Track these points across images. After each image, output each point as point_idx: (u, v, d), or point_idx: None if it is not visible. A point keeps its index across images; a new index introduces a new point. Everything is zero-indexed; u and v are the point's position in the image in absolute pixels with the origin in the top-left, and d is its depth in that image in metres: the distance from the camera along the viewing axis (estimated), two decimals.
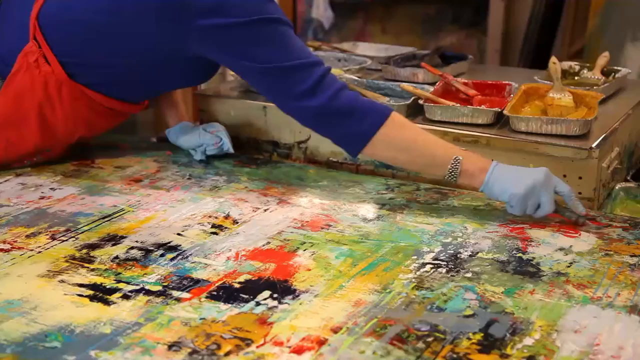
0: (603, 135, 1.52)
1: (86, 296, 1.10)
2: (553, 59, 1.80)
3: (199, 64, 1.54)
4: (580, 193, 1.49)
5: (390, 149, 1.43)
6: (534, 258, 1.23)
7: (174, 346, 0.97)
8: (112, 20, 1.50)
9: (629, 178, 1.70)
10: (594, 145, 1.48)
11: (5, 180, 1.58)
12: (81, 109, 1.60)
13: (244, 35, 1.44)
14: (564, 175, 1.50)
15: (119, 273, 1.17)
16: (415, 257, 1.24)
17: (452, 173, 1.38)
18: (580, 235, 1.32)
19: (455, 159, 1.38)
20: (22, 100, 1.57)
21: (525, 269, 1.19)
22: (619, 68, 1.97)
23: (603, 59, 1.98)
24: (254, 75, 1.48)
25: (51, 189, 1.54)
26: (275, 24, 1.45)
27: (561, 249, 1.27)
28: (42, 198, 1.49)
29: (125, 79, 1.59)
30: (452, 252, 1.26)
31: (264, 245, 1.28)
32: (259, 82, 1.50)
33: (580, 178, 1.49)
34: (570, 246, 1.28)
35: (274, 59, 1.43)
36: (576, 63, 2.02)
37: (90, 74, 1.57)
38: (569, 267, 1.20)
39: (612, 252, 1.25)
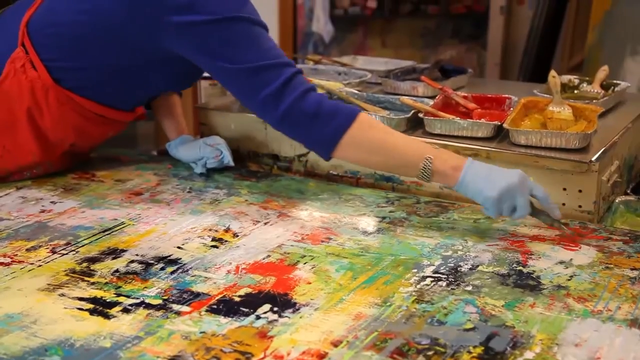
0: (603, 149, 1.53)
1: (86, 310, 1.10)
2: (552, 72, 1.80)
3: (179, 65, 1.53)
4: (580, 206, 1.49)
5: (360, 151, 1.41)
6: (534, 271, 1.23)
7: None
8: (91, 20, 1.50)
9: (629, 191, 1.70)
10: (593, 159, 1.48)
11: (6, 194, 1.58)
12: (69, 114, 1.60)
13: (215, 32, 1.43)
14: (564, 189, 1.50)
15: (119, 287, 1.17)
16: (416, 270, 1.24)
17: (424, 173, 1.36)
18: (580, 248, 1.32)
19: (426, 158, 1.36)
20: (12, 106, 1.58)
21: (525, 282, 1.19)
22: (618, 82, 1.97)
23: (602, 72, 1.99)
24: (225, 75, 1.46)
25: (52, 202, 1.54)
26: (248, 23, 1.44)
27: (561, 262, 1.27)
28: (43, 211, 1.49)
29: (108, 82, 1.59)
30: (452, 265, 1.26)
31: (264, 259, 1.28)
32: (230, 82, 1.48)
33: (580, 191, 1.49)
34: (571, 259, 1.28)
35: (245, 59, 1.42)
36: (575, 77, 2.03)
37: (75, 78, 1.58)
38: (569, 280, 1.20)
39: (612, 266, 1.25)
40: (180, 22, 1.43)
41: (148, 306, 1.11)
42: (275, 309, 1.10)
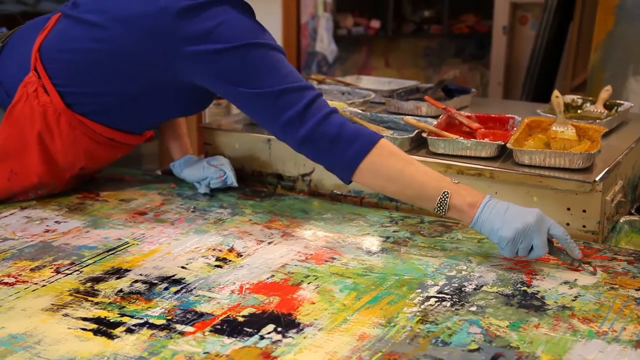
0: (607, 169, 1.53)
1: (90, 330, 1.10)
2: (556, 92, 1.81)
3: (194, 92, 1.54)
4: (584, 226, 1.49)
5: (377, 177, 1.40)
6: (538, 291, 1.23)
7: None
8: (105, 47, 1.51)
9: (633, 211, 1.70)
10: (597, 179, 1.48)
11: (11, 214, 1.58)
12: (80, 139, 1.61)
13: (233, 60, 1.43)
14: (568, 209, 1.50)
15: (123, 307, 1.17)
16: (420, 290, 1.23)
17: (441, 207, 1.34)
18: (585, 269, 1.32)
19: (443, 193, 1.34)
20: (23, 130, 1.59)
21: (530, 303, 1.19)
22: (621, 102, 1.98)
23: (605, 92, 1.99)
24: (245, 100, 1.46)
25: (56, 222, 1.54)
26: (264, 48, 1.44)
27: (566, 283, 1.26)
28: (47, 231, 1.49)
29: (121, 108, 1.60)
30: (456, 285, 1.25)
31: (268, 279, 1.28)
32: (250, 107, 1.48)
33: (584, 211, 1.49)
34: (575, 279, 1.27)
35: (264, 84, 1.42)
36: (579, 96, 2.04)
37: (88, 104, 1.58)
38: (574, 300, 1.19)
39: (617, 286, 1.25)
40: (197, 52, 1.43)
41: (152, 326, 1.11)
42: (279, 329, 1.10)
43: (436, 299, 1.20)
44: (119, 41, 1.49)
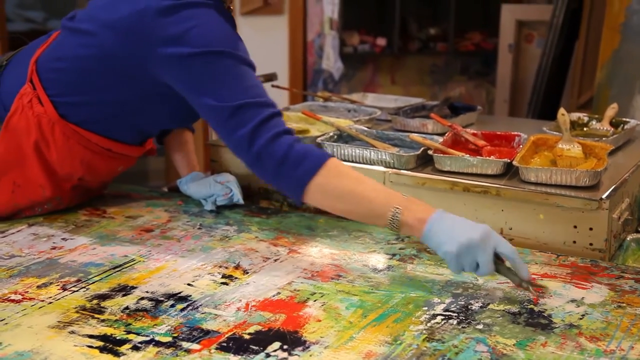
0: (613, 186, 1.52)
1: (96, 347, 1.09)
2: (562, 110, 1.81)
3: (181, 99, 1.52)
4: (591, 244, 1.49)
5: (327, 197, 1.39)
6: (545, 310, 1.22)
7: None
8: (92, 53, 1.52)
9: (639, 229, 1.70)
10: (604, 196, 1.48)
11: (18, 230, 1.59)
12: (76, 148, 1.62)
13: (199, 65, 1.43)
14: (574, 226, 1.49)
15: (129, 324, 1.17)
16: (426, 308, 1.23)
17: (393, 224, 1.33)
18: (592, 287, 1.31)
19: (394, 209, 1.32)
20: (20, 141, 1.60)
21: (537, 321, 1.18)
22: (627, 119, 1.98)
23: (611, 110, 1.99)
24: (205, 111, 1.46)
25: (63, 239, 1.55)
26: (233, 59, 1.44)
27: (573, 301, 1.26)
28: (54, 248, 1.49)
29: (113, 116, 1.61)
30: (463, 303, 1.25)
31: (274, 296, 1.28)
32: (209, 119, 1.47)
33: (590, 229, 1.49)
34: (582, 298, 1.27)
35: (225, 96, 1.41)
36: (585, 114, 2.04)
37: (80, 113, 1.59)
38: (581, 319, 1.19)
39: (624, 304, 1.24)
40: (168, 54, 1.44)
41: (158, 344, 1.11)
42: (285, 347, 1.10)
43: (443, 317, 1.20)
44: (106, 46, 1.50)
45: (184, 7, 1.43)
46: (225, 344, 1.10)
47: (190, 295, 1.28)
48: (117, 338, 1.12)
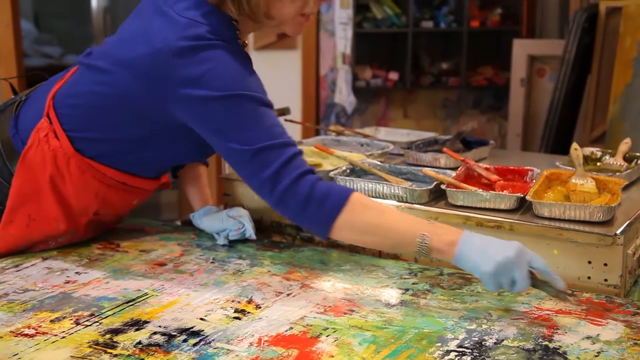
0: (628, 222, 1.52)
1: None
2: (574, 145, 1.81)
3: (195, 135, 1.53)
4: (606, 280, 1.48)
5: (354, 232, 1.41)
6: (560, 346, 1.21)
7: None
8: (110, 91, 1.54)
9: None
10: (618, 232, 1.47)
11: (32, 264, 1.60)
12: (91, 182, 1.63)
13: (218, 109, 1.44)
14: (589, 262, 1.49)
15: (142, 359, 1.17)
16: (440, 344, 1.22)
17: (422, 251, 1.35)
18: (607, 323, 1.30)
19: (421, 236, 1.35)
20: (36, 175, 1.61)
21: (552, 358, 1.17)
22: None
23: (625, 145, 1.99)
24: (226, 152, 1.47)
25: (76, 273, 1.55)
26: (252, 101, 1.45)
27: (588, 338, 1.24)
28: (68, 282, 1.50)
29: (128, 152, 1.62)
30: (476, 339, 1.24)
31: (286, 331, 1.27)
32: (230, 160, 1.49)
33: (605, 265, 1.48)
34: (598, 335, 1.26)
35: (244, 139, 1.43)
36: (598, 149, 2.04)
37: (95, 148, 1.61)
38: (596, 356, 1.18)
39: None
40: (186, 95, 1.45)
41: None
42: None
43: (456, 353, 1.19)
44: (122, 84, 1.52)
45: (201, 49, 1.45)
46: None
47: (203, 330, 1.27)
48: None
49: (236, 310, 1.36)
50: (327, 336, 1.25)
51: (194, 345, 1.22)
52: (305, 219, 1.43)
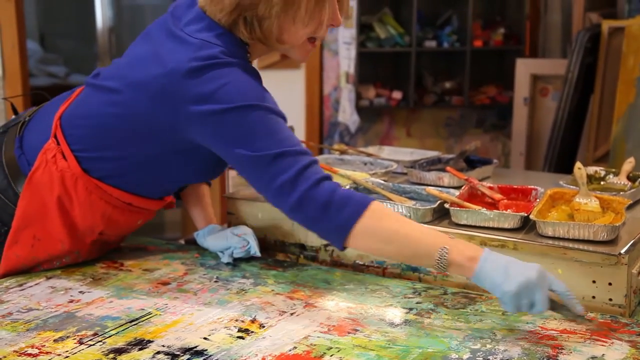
0: (632, 241, 1.51)
1: None
2: (578, 164, 1.81)
3: (206, 156, 1.55)
4: (610, 299, 1.47)
5: (373, 240, 1.39)
6: None
7: None
8: (119, 111, 1.54)
9: None
10: (623, 251, 1.47)
11: (36, 284, 1.60)
12: (97, 203, 1.63)
13: (233, 120, 1.44)
14: (593, 281, 1.48)
15: None
16: None
17: (440, 264, 1.34)
18: (612, 343, 1.29)
19: (441, 249, 1.34)
20: (43, 196, 1.61)
21: None
22: None
23: (629, 164, 1.99)
24: (241, 163, 1.47)
25: (80, 292, 1.55)
26: (265, 111, 1.46)
27: (593, 358, 1.24)
28: (71, 301, 1.50)
29: (136, 172, 1.62)
30: (481, 359, 1.24)
31: (290, 350, 1.27)
32: (245, 170, 1.48)
33: (610, 284, 1.47)
34: (603, 355, 1.25)
35: (260, 147, 1.42)
36: (601, 168, 2.03)
37: (103, 168, 1.61)
38: None
39: None
40: (200, 111, 1.45)
41: None
42: None
43: None
44: (132, 104, 1.52)
45: (212, 68, 1.45)
46: None
47: (207, 350, 1.27)
48: None
49: (240, 330, 1.36)
50: (331, 356, 1.25)
51: None
52: (323, 224, 1.41)
